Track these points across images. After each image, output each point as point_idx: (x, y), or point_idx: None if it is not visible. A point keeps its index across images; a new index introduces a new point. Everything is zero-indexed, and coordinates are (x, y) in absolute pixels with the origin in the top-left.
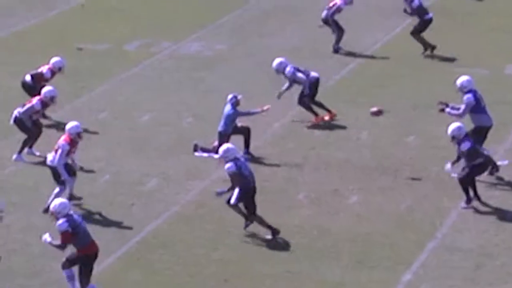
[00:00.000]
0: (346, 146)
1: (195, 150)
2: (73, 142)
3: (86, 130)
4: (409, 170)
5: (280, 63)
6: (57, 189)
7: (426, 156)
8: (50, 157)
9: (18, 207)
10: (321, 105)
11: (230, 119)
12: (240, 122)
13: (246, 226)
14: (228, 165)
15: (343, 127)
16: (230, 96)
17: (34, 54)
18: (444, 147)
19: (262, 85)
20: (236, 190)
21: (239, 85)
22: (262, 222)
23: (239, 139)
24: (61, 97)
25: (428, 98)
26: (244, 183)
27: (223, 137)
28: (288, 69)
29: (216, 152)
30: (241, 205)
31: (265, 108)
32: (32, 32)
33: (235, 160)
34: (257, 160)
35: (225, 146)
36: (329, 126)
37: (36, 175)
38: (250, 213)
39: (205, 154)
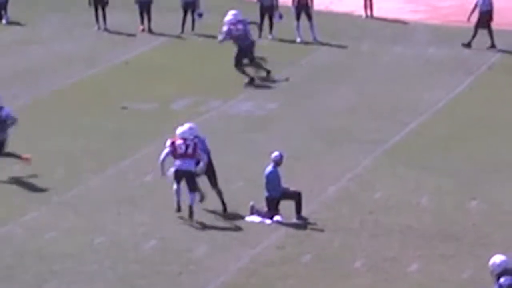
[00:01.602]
0: (406, 211)
1: (252, 212)
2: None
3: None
4: (472, 236)
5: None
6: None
7: (490, 222)
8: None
9: (59, 275)
10: None
11: (272, 179)
12: (292, 186)
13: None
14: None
15: (403, 191)
16: (275, 154)
17: (76, 114)
18: (510, 212)
19: (315, 146)
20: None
21: (291, 146)
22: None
23: (290, 203)
24: (105, 159)
25: (492, 161)
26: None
27: (272, 202)
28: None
29: (270, 218)
30: None
31: None
32: (74, 90)
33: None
34: (311, 226)
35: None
36: (388, 189)
37: (77, 242)
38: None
39: (257, 219)
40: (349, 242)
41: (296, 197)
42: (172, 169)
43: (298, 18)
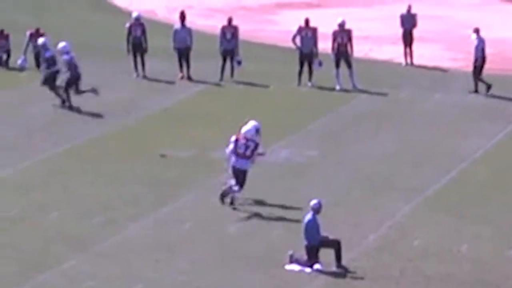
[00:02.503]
0: (445, 258)
1: (291, 261)
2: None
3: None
4: (511, 284)
5: None
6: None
7: None
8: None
9: None
10: None
11: (310, 227)
12: (331, 234)
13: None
14: None
15: (443, 239)
16: (314, 202)
17: (115, 161)
18: None
19: (354, 194)
20: None
21: (330, 193)
22: None
23: (330, 251)
24: (143, 207)
25: None
26: None
27: (311, 250)
28: None
29: (309, 266)
30: None
31: None
32: (113, 137)
33: None
34: (351, 274)
35: None
36: (428, 237)
37: None
38: None
39: (297, 267)
40: None
41: (336, 245)
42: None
43: (337, 65)
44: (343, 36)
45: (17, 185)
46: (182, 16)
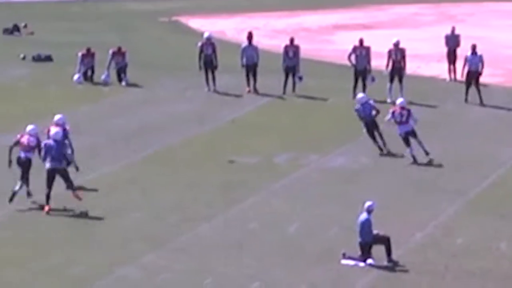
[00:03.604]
0: (486, 255)
1: (344, 258)
2: None
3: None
4: None
5: None
6: None
7: None
8: None
9: None
10: None
11: (365, 226)
12: (380, 232)
13: None
14: None
15: (483, 237)
16: (368, 203)
17: (188, 168)
18: None
19: (403, 196)
20: None
21: (382, 196)
22: None
23: (381, 248)
24: (214, 208)
25: None
26: None
27: (365, 247)
28: None
29: (363, 261)
30: None
31: None
32: (186, 146)
33: None
34: (400, 268)
35: None
36: (470, 236)
37: (189, 282)
38: None
39: (352, 262)
40: (435, 284)
41: (386, 242)
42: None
43: (391, 80)
44: (397, 54)
45: (100, 188)
46: (250, 36)
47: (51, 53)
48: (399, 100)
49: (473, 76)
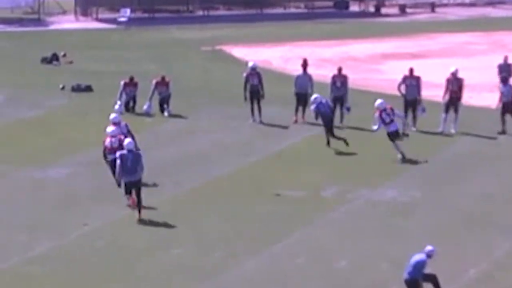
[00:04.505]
0: None
1: None
2: None
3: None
4: None
5: None
6: None
7: None
8: None
9: None
10: None
11: (419, 267)
12: (434, 268)
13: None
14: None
15: None
16: (430, 248)
17: (233, 200)
18: None
19: (455, 230)
20: None
21: (433, 232)
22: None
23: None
24: (260, 242)
25: None
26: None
27: (411, 285)
28: None
29: None
30: None
31: None
32: (231, 177)
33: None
34: None
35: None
36: None
37: None
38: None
39: None
40: None
41: (434, 279)
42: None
43: (446, 110)
44: (454, 84)
45: (143, 221)
46: (304, 63)
47: (91, 83)
48: (378, 102)
49: (508, 107)
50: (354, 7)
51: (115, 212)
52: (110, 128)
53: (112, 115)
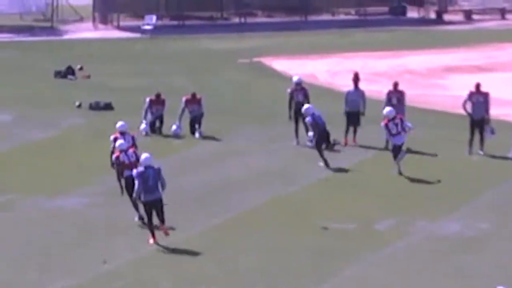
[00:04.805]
0: None
1: None
2: None
3: None
4: None
5: None
6: None
7: None
8: None
9: None
10: None
11: None
12: None
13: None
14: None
15: None
16: None
17: (274, 231)
18: None
19: None
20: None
21: (506, 271)
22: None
23: None
24: (303, 281)
25: None
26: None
27: None
28: None
29: None
30: None
31: None
32: (270, 207)
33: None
34: None
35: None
36: None
37: None
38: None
39: None
40: None
41: None
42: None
43: None
44: None
45: (169, 258)
46: (356, 78)
47: (111, 100)
48: (387, 109)
49: None
50: (412, 13)
51: (137, 247)
52: (120, 141)
53: (119, 123)
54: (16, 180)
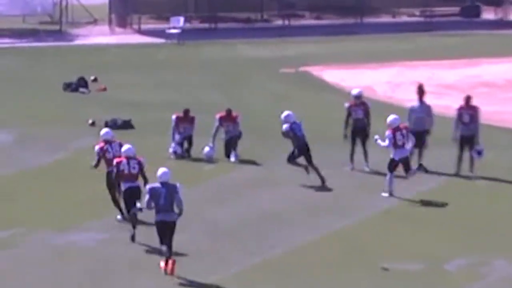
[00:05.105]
0: None
1: None
2: None
3: None
4: None
5: None
6: None
7: None
8: None
9: None
10: None
11: None
12: None
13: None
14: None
15: None
16: None
17: (329, 271)
18: None
19: None
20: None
21: None
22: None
23: None
24: None
25: None
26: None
27: None
28: None
29: None
30: None
31: None
32: (318, 245)
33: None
34: None
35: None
36: None
37: None
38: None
39: None
40: None
41: None
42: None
43: None
44: None
45: None
46: (420, 91)
47: (131, 117)
48: (391, 117)
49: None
50: (488, 14)
51: None
52: (126, 146)
53: (104, 130)
54: (19, 212)
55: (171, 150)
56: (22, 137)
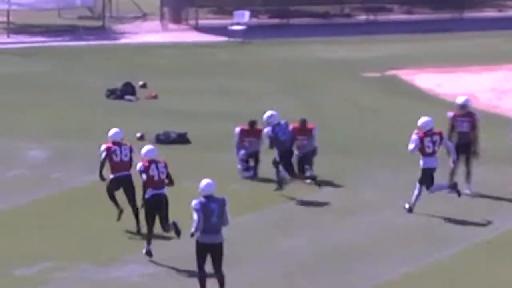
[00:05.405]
0: None
1: None
2: None
3: None
4: None
5: None
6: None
7: None
8: None
9: None
10: None
11: None
12: None
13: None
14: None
15: None
16: None
17: None
18: None
19: None
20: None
21: None
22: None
23: None
24: None
25: None
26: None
27: None
28: None
29: None
30: None
31: None
32: (409, 280)
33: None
34: None
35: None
36: None
37: None
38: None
39: None
40: None
41: None
42: None
43: None
44: None
45: None
46: None
47: (186, 129)
48: (423, 120)
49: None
50: None
51: None
52: (147, 147)
53: (113, 131)
54: (51, 243)
55: (240, 167)
56: (58, 153)
